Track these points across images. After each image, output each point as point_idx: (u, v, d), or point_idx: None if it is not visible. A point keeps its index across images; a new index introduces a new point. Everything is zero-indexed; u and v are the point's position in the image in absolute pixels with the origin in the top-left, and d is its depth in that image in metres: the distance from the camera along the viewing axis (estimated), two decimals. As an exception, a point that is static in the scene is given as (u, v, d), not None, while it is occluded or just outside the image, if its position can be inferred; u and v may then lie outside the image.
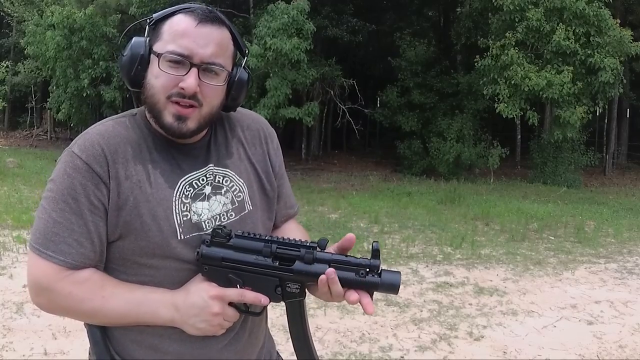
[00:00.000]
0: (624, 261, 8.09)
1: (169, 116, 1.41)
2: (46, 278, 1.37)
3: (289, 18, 15.54)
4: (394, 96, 21.42)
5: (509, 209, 12.28)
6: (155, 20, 1.45)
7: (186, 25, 1.40)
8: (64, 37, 20.30)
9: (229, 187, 1.52)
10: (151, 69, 1.42)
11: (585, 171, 20.27)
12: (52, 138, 29.15)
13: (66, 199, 1.36)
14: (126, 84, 1.47)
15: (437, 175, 18.90)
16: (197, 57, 1.39)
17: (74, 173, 1.37)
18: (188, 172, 1.47)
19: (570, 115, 16.75)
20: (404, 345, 4.80)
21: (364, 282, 1.35)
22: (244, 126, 1.65)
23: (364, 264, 1.36)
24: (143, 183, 1.40)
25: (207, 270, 1.39)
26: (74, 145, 1.42)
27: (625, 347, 4.96)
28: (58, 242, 1.36)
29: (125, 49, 1.45)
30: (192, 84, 1.37)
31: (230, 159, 1.56)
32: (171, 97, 1.39)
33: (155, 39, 1.43)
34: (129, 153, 1.42)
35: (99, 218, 1.37)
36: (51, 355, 4.31)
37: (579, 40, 16.93)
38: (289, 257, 1.37)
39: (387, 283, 1.35)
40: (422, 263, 7.51)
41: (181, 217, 1.42)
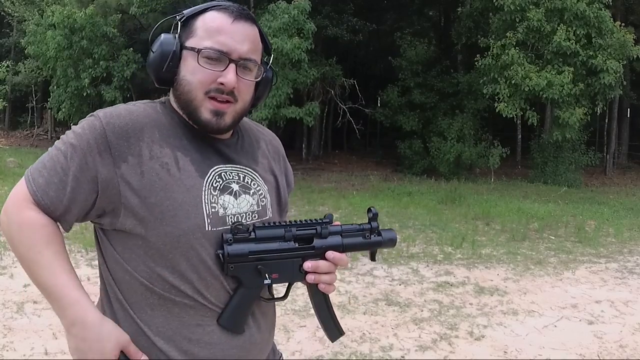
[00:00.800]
0: (625, 261, 8.08)
1: (206, 112, 1.42)
2: (17, 199, 1.40)
3: (290, 18, 15.54)
4: (394, 96, 21.42)
5: (509, 209, 12.28)
6: (186, 17, 1.45)
7: (222, 22, 1.42)
8: (64, 36, 20.29)
9: (256, 189, 1.53)
10: (185, 65, 1.43)
11: (585, 171, 20.27)
12: (52, 138, 29.08)
13: (69, 146, 1.37)
14: (154, 81, 1.47)
15: (438, 175, 18.90)
16: (235, 53, 1.41)
17: (87, 130, 1.38)
18: (216, 164, 1.47)
19: (570, 116, 16.75)
20: (405, 345, 4.80)
21: (370, 242, 1.55)
22: (267, 141, 1.69)
23: (367, 228, 1.55)
24: (171, 167, 1.40)
25: (233, 268, 1.41)
26: (101, 111, 1.42)
27: (626, 346, 4.96)
28: (42, 174, 1.38)
29: (154, 46, 1.45)
30: (232, 79, 1.40)
31: (257, 166, 1.58)
32: (209, 93, 1.41)
33: (188, 36, 1.44)
34: (156, 135, 1.41)
35: (84, 179, 1.36)
36: (52, 355, 4.31)
37: (579, 42, 16.92)
38: (308, 236, 1.49)
39: (388, 239, 1.57)
40: (422, 263, 7.51)
41: (209, 207, 1.41)
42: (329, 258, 1.48)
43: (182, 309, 1.40)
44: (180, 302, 1.40)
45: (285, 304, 5.43)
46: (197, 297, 1.40)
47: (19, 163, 16.76)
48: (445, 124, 19.86)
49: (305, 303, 5.56)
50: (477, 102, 19.80)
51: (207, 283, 1.41)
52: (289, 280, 1.50)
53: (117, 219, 1.38)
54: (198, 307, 1.41)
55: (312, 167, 20.92)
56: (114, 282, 1.44)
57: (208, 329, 1.42)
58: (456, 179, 18.22)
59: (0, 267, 6.44)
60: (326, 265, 1.49)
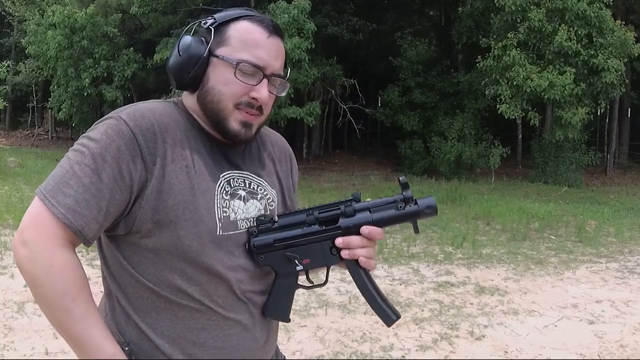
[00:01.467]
0: (625, 261, 8.08)
1: (235, 123, 1.41)
2: (40, 228, 1.28)
3: (290, 17, 15.55)
4: (395, 96, 21.43)
5: (510, 209, 12.28)
6: (218, 23, 1.43)
7: (259, 36, 1.41)
8: (65, 36, 20.32)
9: (263, 194, 1.52)
10: (215, 74, 1.40)
11: (586, 171, 20.27)
12: (53, 138, 29.16)
13: (96, 156, 1.29)
14: (175, 83, 1.45)
15: (438, 175, 18.90)
16: (269, 69, 1.41)
17: (115, 136, 1.30)
18: (227, 170, 1.46)
19: (572, 116, 16.75)
20: (405, 344, 4.80)
21: (405, 213, 1.42)
22: (273, 142, 1.67)
23: (399, 198, 1.43)
24: (190, 169, 1.37)
25: (263, 258, 1.42)
26: (122, 112, 1.35)
27: (627, 346, 4.96)
28: (67, 194, 1.27)
29: (179, 48, 1.42)
30: (266, 95, 1.41)
31: (263, 170, 1.57)
32: (239, 105, 1.40)
33: (219, 43, 1.41)
34: (178, 136, 1.38)
35: (118, 190, 1.30)
36: (52, 355, 4.31)
37: (580, 41, 16.92)
38: (332, 217, 1.44)
39: (426, 206, 1.41)
40: (423, 262, 7.51)
41: (221, 212, 1.40)
42: (363, 234, 1.42)
43: (188, 312, 1.39)
44: (186, 305, 1.38)
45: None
46: (204, 300, 1.38)
47: (19, 163, 16.77)
48: (446, 123, 19.86)
49: (305, 303, 5.56)
50: (477, 102, 19.81)
51: (214, 286, 1.39)
52: (322, 264, 1.46)
53: (132, 223, 1.35)
54: (204, 311, 1.39)
55: (313, 167, 20.93)
56: (118, 286, 1.41)
57: (213, 332, 1.40)
58: (457, 178, 18.22)
59: (0, 267, 6.44)
60: (358, 240, 1.43)
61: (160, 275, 1.37)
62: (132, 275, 1.38)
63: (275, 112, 16.06)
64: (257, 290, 1.46)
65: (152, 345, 1.39)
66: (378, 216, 1.43)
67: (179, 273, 1.37)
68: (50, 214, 1.27)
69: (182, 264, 1.36)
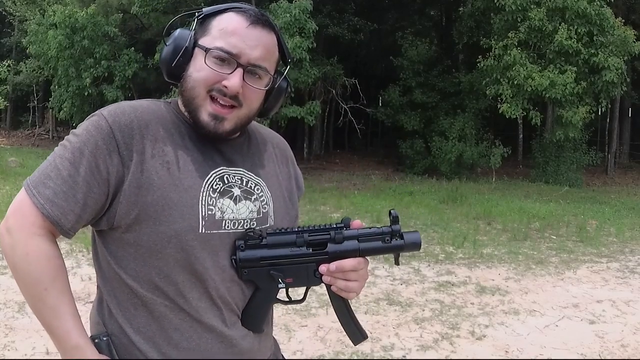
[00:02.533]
0: (626, 260, 8.08)
1: (205, 114, 1.40)
2: (21, 216, 1.36)
3: (291, 17, 15.54)
4: (396, 95, 21.44)
5: (510, 208, 12.28)
6: (204, 15, 1.43)
7: (237, 25, 1.39)
8: (65, 36, 20.32)
9: (258, 195, 1.50)
10: (194, 63, 1.41)
11: (587, 170, 20.27)
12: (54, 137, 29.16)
13: (75, 150, 1.34)
14: (164, 74, 1.46)
15: (439, 175, 18.91)
16: (244, 58, 1.38)
17: (94, 131, 1.35)
18: (219, 166, 1.45)
19: (573, 115, 16.75)
20: (406, 344, 4.80)
21: (390, 246, 1.48)
22: (274, 144, 1.66)
23: (387, 231, 1.47)
24: (172, 165, 1.37)
25: (247, 273, 1.43)
26: (105, 109, 1.40)
27: (627, 346, 4.96)
28: (47, 186, 1.33)
29: (169, 40, 1.43)
30: (237, 83, 1.37)
31: (262, 170, 1.55)
32: (212, 92, 1.38)
33: (202, 34, 1.42)
34: (160, 133, 1.39)
35: (95, 183, 1.33)
36: (53, 355, 4.31)
37: (581, 40, 16.92)
38: (321, 241, 1.45)
39: (410, 242, 1.47)
40: (424, 262, 7.51)
41: (206, 209, 1.38)
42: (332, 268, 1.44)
43: (163, 311, 1.38)
44: (161, 304, 1.38)
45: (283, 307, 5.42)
46: (178, 300, 1.38)
47: (20, 162, 16.77)
48: (447, 123, 19.87)
49: (306, 303, 5.55)
50: (478, 102, 19.82)
51: (189, 287, 1.38)
52: (304, 284, 1.49)
53: (113, 217, 1.36)
54: (177, 312, 1.39)
55: (314, 167, 20.94)
56: (104, 280, 1.43)
57: (186, 334, 1.39)
58: (457, 178, 18.23)
59: (1, 267, 6.43)
60: (340, 273, 1.45)
61: (140, 271, 1.38)
62: (115, 270, 1.40)
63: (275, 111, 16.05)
64: (235, 296, 1.44)
65: (129, 341, 1.40)
66: (365, 246, 1.47)
67: (157, 271, 1.37)
68: (31, 204, 1.35)
69: (160, 261, 1.36)
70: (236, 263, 1.42)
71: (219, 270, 1.40)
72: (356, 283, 1.48)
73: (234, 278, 1.43)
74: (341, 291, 1.48)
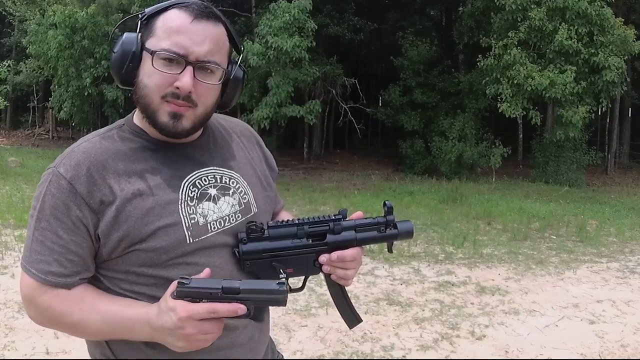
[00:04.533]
0: (626, 260, 8.08)
1: (163, 115, 1.37)
2: (30, 292, 1.37)
3: (290, 17, 15.54)
4: (396, 95, 21.45)
5: (510, 208, 12.28)
6: (147, 16, 1.39)
7: (181, 22, 1.35)
8: (65, 36, 20.32)
9: (235, 188, 1.50)
10: (144, 67, 1.37)
11: (587, 170, 20.25)
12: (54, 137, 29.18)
13: (48, 218, 1.34)
14: (117, 82, 1.44)
15: (439, 175, 18.91)
16: (192, 55, 1.34)
17: (57, 193, 1.34)
18: (189, 173, 1.44)
19: (573, 115, 16.74)
20: (406, 344, 4.80)
21: (385, 235, 1.55)
22: (239, 132, 1.66)
23: (382, 221, 1.55)
24: (144, 191, 1.37)
25: (249, 265, 1.46)
26: (60, 165, 1.38)
27: (627, 346, 4.96)
28: (39, 260, 1.35)
29: (116, 46, 1.40)
30: (188, 83, 1.33)
31: (234, 161, 1.55)
32: (166, 97, 1.35)
33: (148, 35, 1.38)
34: (120, 167, 1.38)
35: (81, 239, 1.34)
36: (53, 355, 4.32)
37: (581, 40, 16.91)
38: (321, 232, 1.51)
39: (404, 231, 1.56)
40: (424, 262, 7.51)
41: (188, 220, 1.38)
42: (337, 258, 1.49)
43: None
44: None
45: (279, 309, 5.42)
46: None
47: (20, 162, 16.78)
48: (447, 123, 19.87)
49: (306, 303, 5.56)
50: (478, 102, 19.81)
51: None
52: (304, 274, 1.54)
53: (101, 257, 1.38)
54: None
55: (314, 167, 20.95)
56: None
57: None
58: (457, 178, 18.20)
59: (1, 267, 6.45)
60: (339, 262, 1.51)
61: (137, 290, 1.38)
62: (111, 289, 1.40)
63: (275, 111, 16.07)
64: None
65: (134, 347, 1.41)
66: (362, 236, 1.53)
67: (154, 286, 1.37)
68: (32, 280, 1.36)
69: (155, 279, 1.37)
70: (239, 255, 1.44)
71: (216, 269, 1.40)
72: (353, 271, 1.55)
73: (233, 274, 1.43)
74: (340, 279, 1.56)
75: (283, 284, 1.30)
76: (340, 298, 1.66)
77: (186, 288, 1.26)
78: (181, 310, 1.25)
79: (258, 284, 1.32)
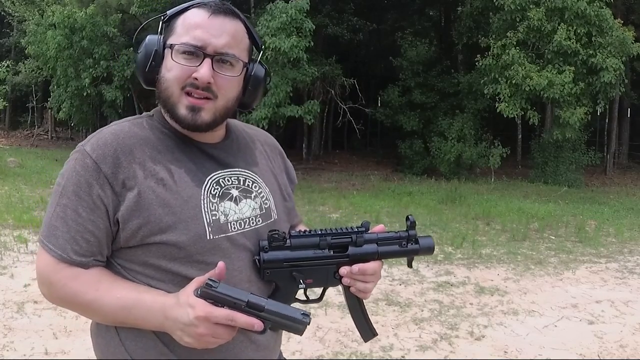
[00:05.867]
0: (625, 261, 8.08)
1: (182, 108, 1.39)
2: (46, 269, 1.37)
3: (288, 17, 15.55)
4: (395, 96, 21.45)
5: (509, 209, 12.28)
6: (169, 17, 1.44)
7: (199, 18, 1.39)
8: (64, 36, 20.30)
9: (257, 192, 1.51)
10: (165, 64, 1.41)
11: (586, 171, 20.25)
12: (53, 138, 29.20)
13: (70, 195, 1.35)
14: (142, 83, 1.48)
15: (438, 175, 18.91)
16: (210, 47, 1.37)
17: (82, 171, 1.36)
18: (214, 170, 1.46)
19: (570, 115, 16.74)
20: (405, 344, 4.80)
21: (406, 250, 1.54)
22: (262, 141, 1.67)
23: (404, 236, 1.54)
24: (167, 181, 1.38)
25: (269, 273, 1.45)
26: (87, 144, 1.40)
27: (626, 346, 4.96)
28: (57, 236, 1.35)
29: (140, 48, 1.45)
30: (206, 73, 1.36)
31: (257, 167, 1.57)
32: (185, 88, 1.38)
33: (169, 35, 1.42)
34: (147, 153, 1.40)
35: (99, 219, 1.35)
36: (52, 355, 4.31)
37: (580, 40, 16.92)
38: (343, 244, 1.50)
39: (425, 247, 1.56)
40: (423, 263, 7.51)
41: (210, 216, 1.39)
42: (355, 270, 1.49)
43: None
44: None
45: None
46: None
47: (19, 163, 16.78)
48: (446, 123, 19.87)
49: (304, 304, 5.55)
50: (477, 102, 19.81)
51: None
52: (323, 285, 1.53)
53: (118, 243, 1.38)
54: None
55: (313, 167, 20.94)
56: None
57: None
58: (456, 178, 18.22)
59: (0, 267, 6.44)
60: (360, 275, 1.50)
61: (153, 284, 1.38)
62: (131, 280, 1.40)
63: (274, 111, 16.07)
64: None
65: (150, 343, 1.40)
66: (383, 250, 1.52)
67: (164, 284, 1.37)
68: (49, 256, 1.37)
69: (170, 274, 1.37)
70: (259, 263, 1.44)
71: (235, 272, 1.40)
72: (372, 284, 1.54)
73: (252, 278, 1.44)
74: (359, 292, 1.54)
75: (307, 315, 1.31)
76: (357, 311, 1.64)
77: (212, 291, 1.26)
78: (200, 310, 1.26)
79: (284, 309, 1.31)
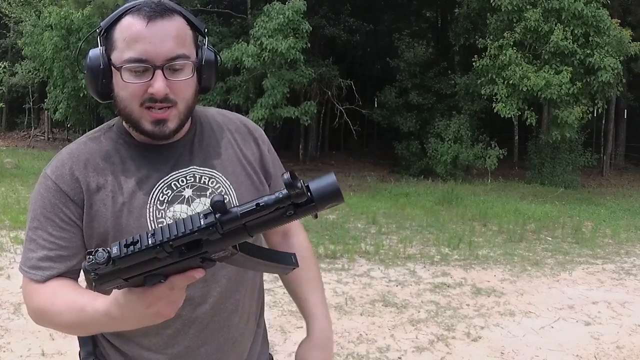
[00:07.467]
0: (622, 262, 8.09)
1: (147, 124, 1.37)
2: (25, 291, 1.43)
3: (285, 18, 15.55)
4: (392, 97, 21.46)
5: (506, 210, 12.28)
6: (104, 29, 1.37)
7: (137, 28, 1.32)
8: (61, 37, 20.29)
9: (214, 188, 1.47)
10: (116, 81, 1.36)
11: (582, 172, 20.28)
12: (49, 139, 29.12)
13: (39, 217, 1.40)
14: (96, 99, 1.43)
15: (435, 176, 18.89)
16: (157, 58, 1.32)
17: (45, 193, 1.40)
18: (167, 173, 1.44)
19: (568, 115, 16.75)
20: (402, 346, 4.80)
21: (294, 215, 1.02)
22: (233, 129, 1.59)
23: (282, 196, 0.99)
24: (115, 193, 1.39)
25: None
26: (48, 167, 1.44)
27: (623, 347, 4.97)
28: (31, 258, 1.39)
29: (85, 66, 1.38)
30: (161, 86, 1.32)
31: (218, 159, 1.51)
32: (144, 104, 1.35)
33: (111, 48, 1.36)
34: (100, 166, 1.42)
35: (73, 235, 1.39)
36: (48, 356, 4.31)
37: (577, 41, 16.93)
38: (193, 243, 1.03)
39: (324, 200, 1.01)
40: (419, 264, 7.51)
41: (156, 224, 1.38)
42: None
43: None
44: None
45: (282, 305, 5.43)
46: None
47: (16, 164, 16.75)
48: (443, 125, 19.86)
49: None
50: (474, 104, 19.80)
51: None
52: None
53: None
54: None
55: (309, 168, 20.91)
56: None
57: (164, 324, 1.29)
58: (453, 180, 18.20)
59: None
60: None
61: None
62: None
63: (270, 112, 16.07)
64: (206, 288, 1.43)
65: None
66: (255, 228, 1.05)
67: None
68: (27, 280, 1.41)
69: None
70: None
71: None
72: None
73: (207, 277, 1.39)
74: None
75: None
76: (261, 251, 1.23)
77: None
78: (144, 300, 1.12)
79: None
